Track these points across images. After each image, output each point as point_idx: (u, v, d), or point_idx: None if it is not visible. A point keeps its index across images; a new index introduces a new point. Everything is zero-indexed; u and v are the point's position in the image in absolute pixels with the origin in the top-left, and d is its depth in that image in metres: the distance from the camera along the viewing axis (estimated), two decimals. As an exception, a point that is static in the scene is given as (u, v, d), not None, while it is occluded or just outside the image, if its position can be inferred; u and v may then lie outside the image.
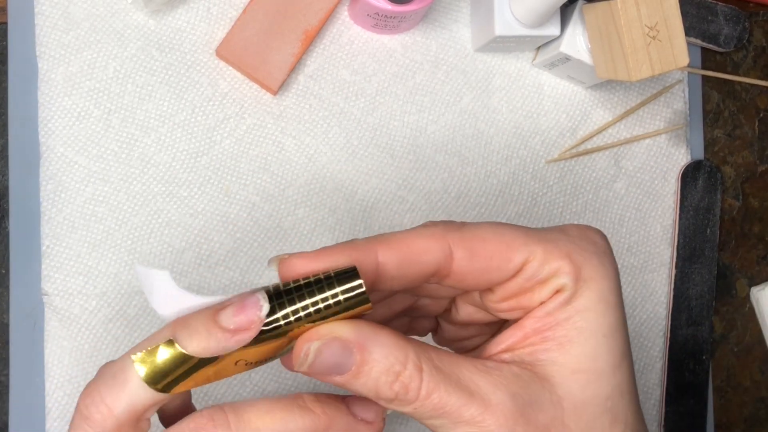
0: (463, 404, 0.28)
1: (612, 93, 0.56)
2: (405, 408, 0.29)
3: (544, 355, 0.30)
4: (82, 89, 0.50)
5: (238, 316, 0.28)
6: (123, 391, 0.28)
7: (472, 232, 0.30)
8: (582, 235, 0.31)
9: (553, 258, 0.30)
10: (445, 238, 0.30)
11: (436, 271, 0.30)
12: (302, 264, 0.29)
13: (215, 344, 0.28)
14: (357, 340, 0.28)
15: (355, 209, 0.53)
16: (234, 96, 0.52)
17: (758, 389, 0.57)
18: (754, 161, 0.58)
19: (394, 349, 0.28)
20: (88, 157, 0.50)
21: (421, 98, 0.54)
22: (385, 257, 0.30)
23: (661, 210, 0.56)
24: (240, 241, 0.52)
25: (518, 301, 0.31)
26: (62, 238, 0.50)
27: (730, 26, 0.56)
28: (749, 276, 0.58)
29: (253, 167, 0.52)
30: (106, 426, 0.28)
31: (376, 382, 0.28)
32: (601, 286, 0.30)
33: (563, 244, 0.30)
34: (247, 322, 0.28)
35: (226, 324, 0.28)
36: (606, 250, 0.31)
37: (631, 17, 0.44)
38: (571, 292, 0.30)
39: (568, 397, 0.29)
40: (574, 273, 0.30)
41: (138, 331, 0.50)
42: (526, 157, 0.55)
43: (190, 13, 0.52)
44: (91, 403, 0.28)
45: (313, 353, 0.28)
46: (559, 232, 0.31)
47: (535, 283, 0.30)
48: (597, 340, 0.29)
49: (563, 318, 0.30)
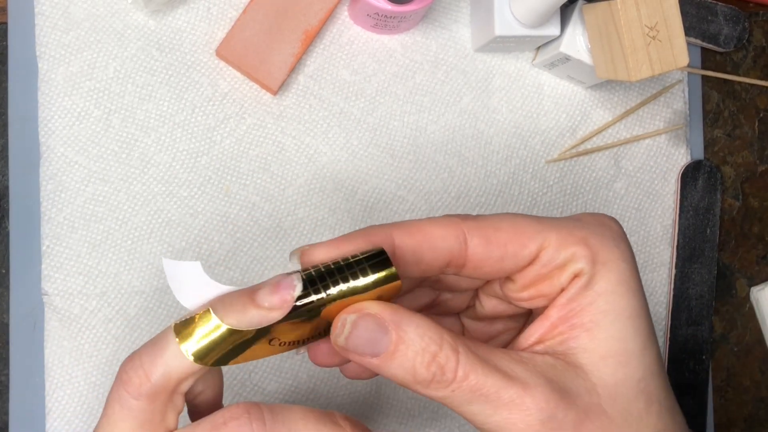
0: (502, 386, 0.28)
1: (612, 93, 0.56)
2: (442, 391, 0.29)
3: (574, 342, 0.30)
4: (82, 89, 0.50)
5: (273, 294, 0.29)
6: (161, 358, 0.29)
7: (486, 221, 0.31)
8: (596, 222, 0.31)
9: (568, 243, 0.30)
10: (460, 226, 0.31)
11: (452, 258, 0.31)
12: (324, 252, 0.30)
13: (250, 318, 0.29)
14: (392, 319, 0.29)
15: (355, 209, 0.53)
16: (234, 96, 0.52)
17: (758, 389, 0.57)
18: (754, 161, 0.58)
19: (429, 330, 0.29)
20: (88, 157, 0.50)
21: (421, 98, 0.54)
22: (401, 241, 0.30)
23: (661, 210, 0.56)
24: (240, 241, 0.52)
25: (538, 289, 0.31)
26: (62, 238, 0.50)
27: (730, 26, 0.56)
28: (749, 276, 0.58)
29: (253, 167, 0.52)
30: (142, 391, 0.29)
31: (412, 362, 0.28)
32: (619, 268, 0.30)
33: (578, 230, 0.30)
34: (280, 300, 0.28)
35: (261, 301, 0.29)
36: (621, 235, 0.31)
37: (630, 17, 0.44)
38: (589, 275, 0.30)
39: (601, 383, 0.29)
40: (591, 257, 0.30)
41: (138, 331, 0.50)
42: (526, 157, 0.55)
43: (190, 14, 0.52)
44: (131, 368, 0.29)
45: (349, 324, 0.29)
46: (574, 219, 0.31)
47: (552, 269, 0.30)
48: (622, 323, 0.30)
49: (587, 303, 0.30)
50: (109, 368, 0.50)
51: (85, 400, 0.50)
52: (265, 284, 0.29)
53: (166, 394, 0.29)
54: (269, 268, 0.52)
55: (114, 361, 0.50)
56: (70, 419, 0.50)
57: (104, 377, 0.50)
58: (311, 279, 0.29)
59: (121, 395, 0.29)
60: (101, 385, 0.50)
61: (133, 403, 0.29)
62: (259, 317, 0.28)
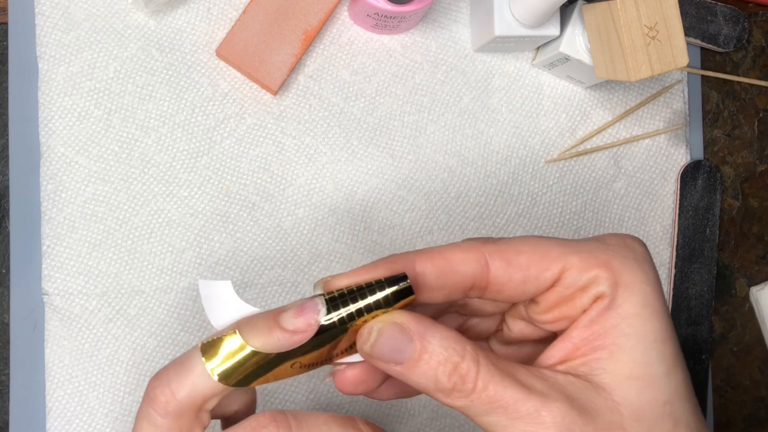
0: (520, 398, 0.28)
1: (611, 93, 0.56)
2: (461, 400, 0.29)
3: (596, 364, 0.30)
4: (82, 89, 0.50)
5: (297, 317, 0.30)
6: (187, 378, 0.29)
7: (507, 244, 0.31)
8: (620, 243, 0.31)
9: (590, 266, 0.30)
10: (481, 250, 0.31)
11: (474, 282, 0.31)
12: (347, 280, 0.31)
13: (274, 341, 0.30)
14: (417, 329, 0.29)
15: (355, 209, 0.53)
16: (234, 96, 0.52)
17: (757, 389, 0.58)
18: (754, 161, 0.58)
19: (452, 341, 0.29)
20: (89, 157, 0.50)
21: (421, 98, 0.54)
22: (422, 268, 0.31)
23: (661, 210, 0.56)
24: (240, 241, 0.52)
25: (561, 311, 0.31)
26: (63, 237, 0.50)
27: (730, 26, 0.56)
28: (748, 276, 0.58)
29: (253, 167, 0.52)
30: (168, 409, 0.29)
31: (435, 371, 0.29)
32: (643, 290, 0.30)
33: (600, 253, 0.31)
34: (305, 323, 0.29)
35: (285, 324, 0.30)
36: (645, 257, 0.31)
37: (630, 17, 0.44)
38: (611, 298, 0.30)
39: (625, 403, 0.29)
40: (613, 279, 0.30)
41: (138, 331, 0.50)
42: (526, 157, 0.55)
43: (191, 14, 0.52)
44: (158, 386, 0.30)
45: (375, 332, 0.30)
46: (597, 241, 0.32)
47: (575, 291, 0.31)
48: (645, 346, 0.30)
49: (609, 326, 0.30)
50: (109, 368, 0.50)
51: (85, 399, 0.50)
52: (290, 307, 0.30)
53: (193, 412, 0.30)
54: (269, 268, 0.52)
55: (114, 360, 0.50)
56: (70, 419, 0.50)
57: (104, 377, 0.50)
58: (334, 303, 0.30)
59: (148, 413, 0.30)
60: (101, 384, 0.50)
61: (160, 420, 0.30)
62: (284, 340, 0.29)
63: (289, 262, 0.52)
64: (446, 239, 0.53)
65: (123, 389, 0.50)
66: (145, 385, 0.50)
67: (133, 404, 0.50)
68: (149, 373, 0.50)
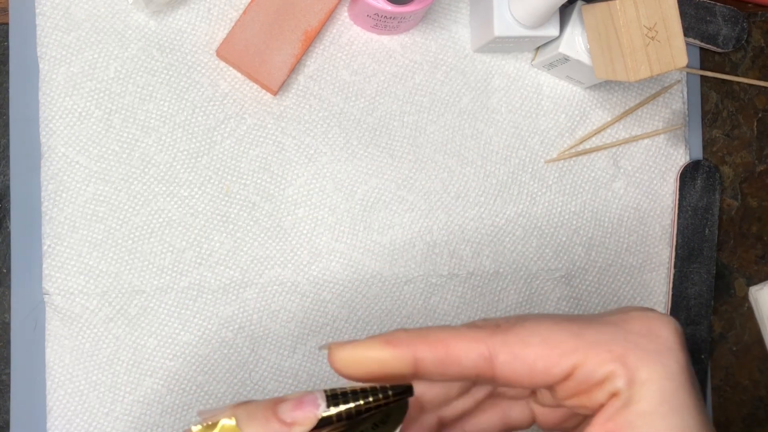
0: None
1: (611, 93, 0.56)
2: None
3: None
4: (83, 90, 0.51)
5: (295, 411, 0.29)
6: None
7: (516, 335, 0.30)
8: (644, 329, 0.30)
9: (604, 362, 0.29)
10: (486, 342, 0.30)
11: (478, 374, 0.30)
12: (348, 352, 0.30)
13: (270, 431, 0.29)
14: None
15: (354, 209, 0.53)
16: (234, 96, 0.52)
17: (757, 388, 0.58)
18: (753, 161, 0.58)
19: None
20: (89, 157, 0.51)
21: (421, 98, 0.54)
22: (423, 355, 0.30)
23: (660, 210, 0.56)
24: (240, 241, 0.52)
25: (579, 400, 0.30)
26: (63, 237, 0.50)
27: (729, 27, 0.57)
28: (748, 275, 0.58)
29: (253, 167, 0.52)
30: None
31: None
32: (661, 387, 0.29)
33: (617, 345, 0.29)
34: (303, 417, 0.29)
35: (284, 416, 0.29)
36: (671, 344, 0.30)
37: (629, 18, 0.44)
38: (627, 396, 0.29)
39: None
40: (629, 376, 0.29)
41: (138, 331, 0.50)
42: (525, 157, 0.55)
43: (191, 14, 0.52)
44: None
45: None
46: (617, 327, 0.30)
47: (590, 386, 0.30)
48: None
49: (626, 423, 0.29)
50: (110, 367, 0.50)
51: (85, 399, 0.50)
52: (289, 398, 0.29)
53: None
54: (269, 268, 0.52)
55: (114, 360, 0.50)
56: (70, 418, 0.50)
57: (105, 376, 0.50)
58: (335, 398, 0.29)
59: None
60: (102, 384, 0.50)
61: None
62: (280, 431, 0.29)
63: (289, 261, 0.52)
64: (446, 239, 0.54)
65: (123, 389, 0.50)
66: (146, 384, 0.50)
67: (133, 404, 0.50)
68: (149, 373, 0.51)
